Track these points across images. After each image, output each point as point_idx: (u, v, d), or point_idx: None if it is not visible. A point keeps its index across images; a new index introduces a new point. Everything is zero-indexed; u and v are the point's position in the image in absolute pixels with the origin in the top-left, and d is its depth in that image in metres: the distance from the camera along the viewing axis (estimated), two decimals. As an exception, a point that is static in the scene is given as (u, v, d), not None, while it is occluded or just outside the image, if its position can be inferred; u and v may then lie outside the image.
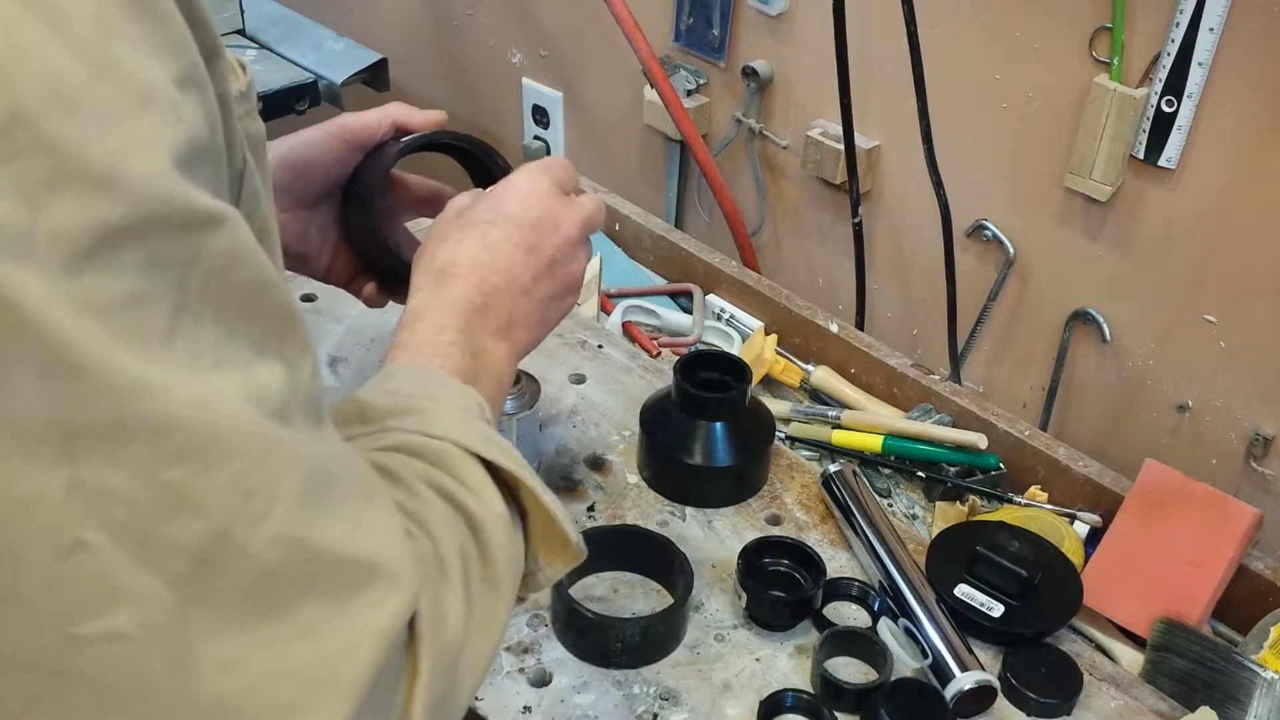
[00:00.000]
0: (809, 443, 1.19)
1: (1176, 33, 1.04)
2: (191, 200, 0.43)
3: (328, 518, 0.47)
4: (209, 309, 0.44)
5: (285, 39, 1.75)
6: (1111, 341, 1.21)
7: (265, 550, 0.44)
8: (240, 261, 0.46)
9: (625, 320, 1.35)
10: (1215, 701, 0.89)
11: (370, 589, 0.48)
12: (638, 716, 0.84)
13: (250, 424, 0.44)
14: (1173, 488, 1.03)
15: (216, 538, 0.43)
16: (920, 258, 1.35)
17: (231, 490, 0.43)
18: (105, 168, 0.41)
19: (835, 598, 0.95)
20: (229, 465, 0.43)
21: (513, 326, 0.75)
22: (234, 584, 0.44)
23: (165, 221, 0.42)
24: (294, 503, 0.45)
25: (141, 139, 0.42)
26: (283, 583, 0.45)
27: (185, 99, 0.45)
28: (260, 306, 0.47)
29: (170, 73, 0.44)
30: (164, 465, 0.42)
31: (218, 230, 0.45)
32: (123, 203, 0.41)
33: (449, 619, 0.55)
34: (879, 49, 1.27)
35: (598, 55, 1.61)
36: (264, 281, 0.47)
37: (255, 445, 0.44)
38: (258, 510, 0.44)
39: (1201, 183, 1.09)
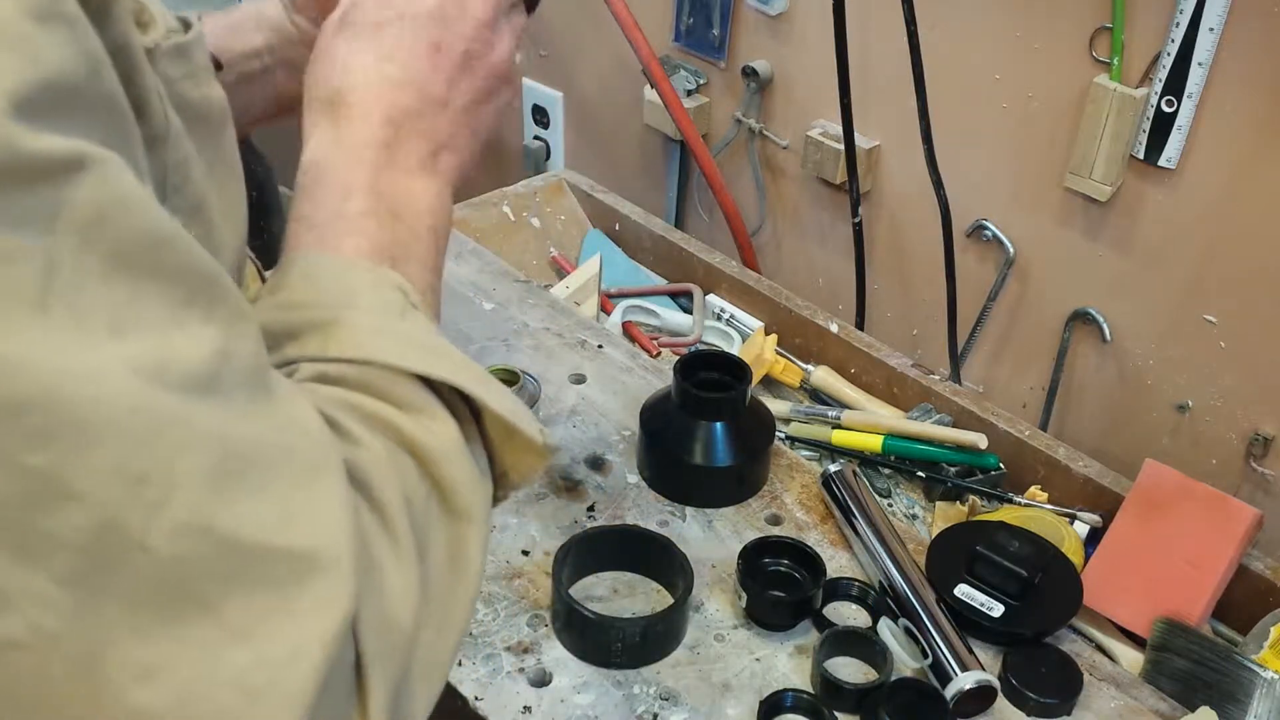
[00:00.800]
0: (809, 443, 1.19)
1: (1176, 33, 1.04)
2: (35, 144, 0.37)
3: (247, 503, 0.41)
4: (93, 266, 0.39)
5: (285, 39, 1.74)
6: (1111, 341, 1.21)
7: (169, 542, 0.39)
8: (127, 210, 0.40)
9: (625, 320, 1.35)
10: (1215, 701, 0.89)
11: (310, 584, 0.42)
12: (638, 716, 0.84)
13: (139, 399, 0.39)
14: (1173, 488, 1.03)
15: (104, 529, 0.38)
16: (920, 258, 1.35)
17: (115, 475, 0.38)
18: None
19: (835, 598, 0.95)
20: (109, 446, 0.38)
21: (437, 152, 0.63)
22: (137, 581, 0.39)
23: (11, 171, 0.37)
24: (200, 487, 0.40)
25: None
26: (198, 578, 0.40)
27: (44, 33, 0.39)
28: (170, 263, 0.41)
29: (22, 6, 0.38)
30: (26, 448, 0.37)
31: (85, 174, 0.39)
32: None
33: (392, 594, 0.47)
34: (879, 49, 1.27)
35: (598, 55, 1.61)
36: (162, 235, 0.41)
37: (144, 423, 0.39)
38: (153, 496, 0.39)
39: (1201, 183, 1.09)
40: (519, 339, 1.21)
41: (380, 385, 0.51)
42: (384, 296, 0.55)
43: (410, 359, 0.52)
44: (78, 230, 0.38)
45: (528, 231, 1.46)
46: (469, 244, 1.35)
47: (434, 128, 0.63)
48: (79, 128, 0.39)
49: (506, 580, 0.94)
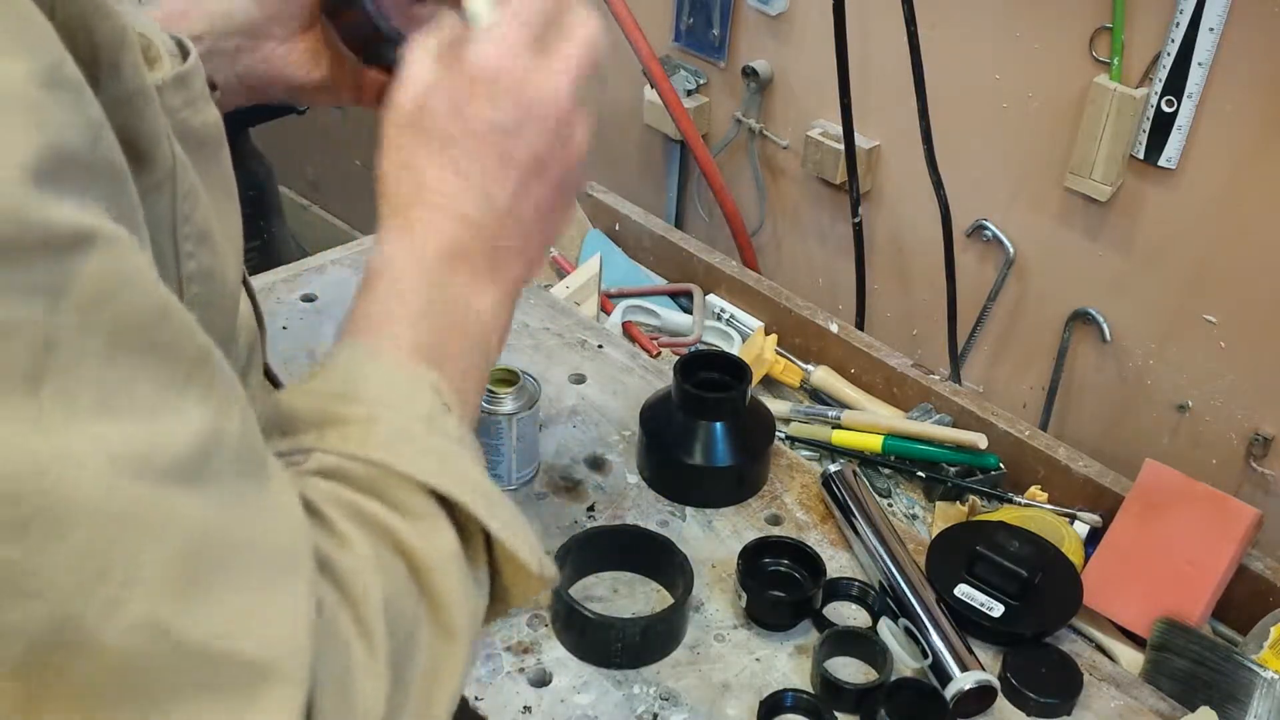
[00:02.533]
0: (809, 443, 1.19)
1: (1176, 33, 1.04)
2: (50, 216, 0.37)
3: (206, 605, 0.40)
4: (91, 345, 0.38)
5: (285, 39, 1.74)
6: (1111, 341, 1.21)
7: (123, 639, 0.38)
8: (129, 288, 0.40)
9: (625, 320, 1.35)
10: (1215, 701, 0.89)
11: (260, 694, 0.41)
12: (638, 716, 0.84)
13: (113, 489, 0.38)
14: (1173, 488, 1.03)
15: (62, 623, 0.37)
16: (920, 258, 1.35)
17: (77, 568, 0.37)
18: None
19: (835, 598, 0.95)
20: (74, 538, 0.37)
21: (500, 263, 0.63)
22: (89, 677, 0.38)
23: (20, 241, 0.36)
24: (161, 585, 0.39)
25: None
26: (148, 679, 0.39)
27: (50, 101, 0.39)
28: (165, 342, 0.41)
29: (26, 71, 0.38)
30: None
31: (92, 249, 0.38)
32: None
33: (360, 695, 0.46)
34: (879, 49, 1.27)
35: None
36: (166, 312, 0.41)
37: (114, 515, 0.38)
38: (113, 593, 0.38)
39: (1201, 183, 1.09)
40: (519, 339, 1.21)
41: (386, 489, 0.50)
42: (416, 399, 0.54)
43: (421, 468, 0.51)
44: (80, 308, 0.38)
45: (528, 231, 1.46)
46: (469, 244, 1.35)
47: (498, 240, 0.62)
48: (85, 196, 0.39)
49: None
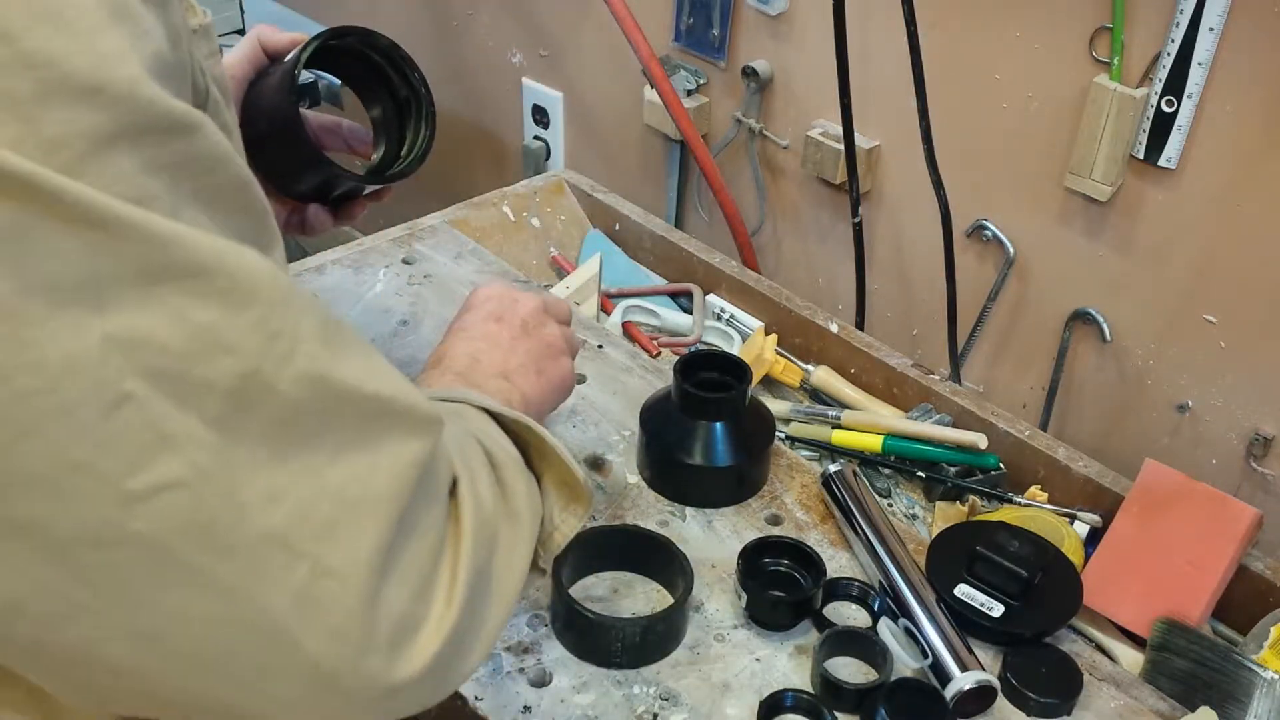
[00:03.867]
0: (809, 443, 1.19)
1: (1176, 33, 1.04)
2: (171, 107, 0.45)
3: (346, 358, 0.50)
4: (201, 207, 0.47)
5: (285, 39, 1.75)
6: (1111, 341, 1.21)
7: (293, 386, 0.47)
8: (221, 163, 0.48)
9: (625, 320, 1.35)
10: (1215, 701, 0.89)
11: (392, 421, 0.51)
12: (638, 716, 0.84)
13: (270, 272, 0.47)
14: (1173, 488, 1.03)
15: (248, 376, 0.45)
16: (920, 258, 1.35)
17: (259, 330, 0.46)
18: (89, 78, 0.42)
19: (835, 598, 0.95)
20: (255, 307, 0.46)
21: (509, 373, 0.81)
22: (267, 419, 0.46)
23: (152, 127, 0.44)
24: (315, 343, 0.48)
25: (118, 50, 0.43)
26: (311, 415, 0.48)
27: (148, 13, 0.46)
28: (242, 203, 0.50)
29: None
30: (195, 307, 0.44)
31: (197, 134, 0.46)
32: (108, 110, 0.42)
33: (485, 498, 0.59)
34: (879, 49, 1.28)
35: (598, 55, 1.61)
36: (244, 181, 0.50)
37: (276, 290, 0.47)
38: (283, 349, 0.46)
39: (1201, 183, 1.09)
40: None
41: (466, 413, 0.66)
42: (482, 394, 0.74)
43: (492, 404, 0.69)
44: (194, 177, 0.46)
45: (528, 231, 1.46)
46: (469, 244, 1.35)
47: (505, 359, 0.82)
48: (181, 92, 0.47)
49: (506, 580, 0.94)
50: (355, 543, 0.49)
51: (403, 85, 0.97)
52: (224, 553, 0.45)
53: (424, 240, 1.34)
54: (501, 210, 1.45)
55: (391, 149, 1.00)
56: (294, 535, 0.47)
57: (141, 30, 0.45)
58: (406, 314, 1.23)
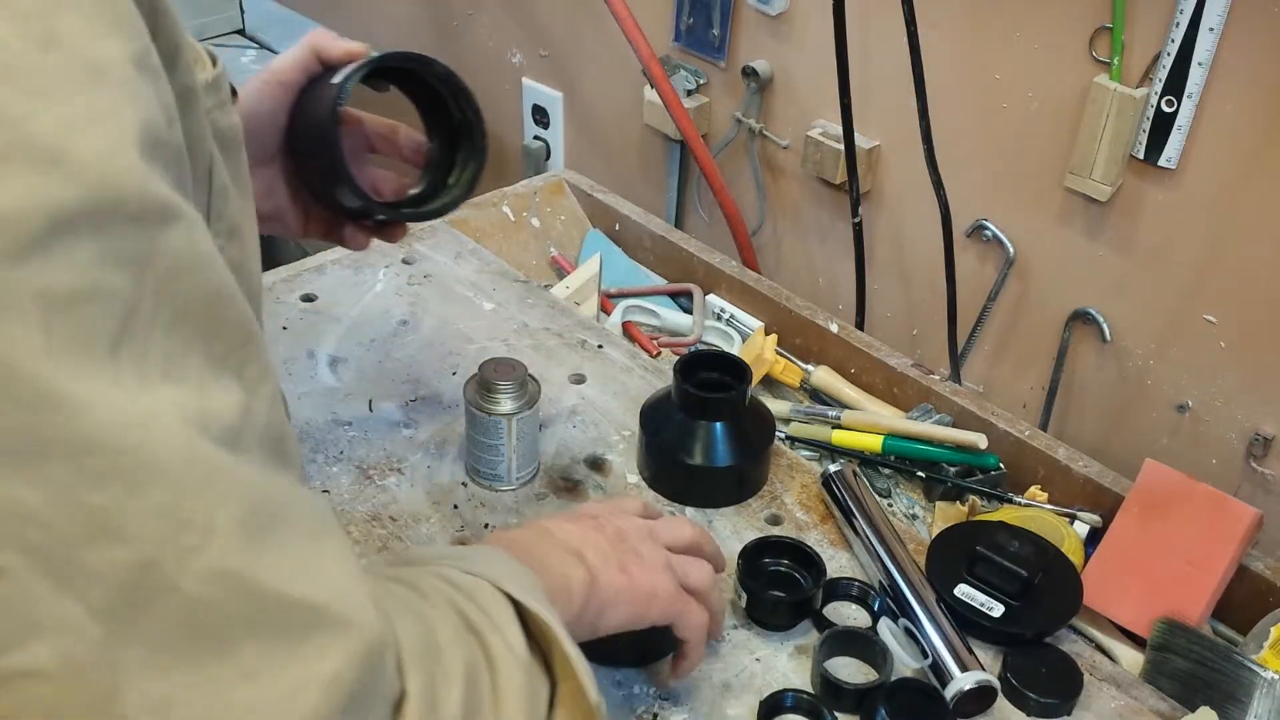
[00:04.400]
0: (809, 443, 1.19)
1: (1176, 33, 1.04)
2: (149, 187, 0.40)
3: (271, 554, 0.43)
4: (164, 315, 0.41)
5: (285, 39, 1.75)
6: (1111, 341, 1.21)
7: (200, 585, 0.41)
8: (199, 266, 0.43)
9: (625, 320, 1.35)
10: (1215, 701, 0.89)
11: (317, 633, 0.44)
12: (638, 716, 0.84)
13: (189, 448, 0.41)
14: (1173, 488, 1.03)
15: (144, 568, 0.40)
16: (920, 258, 1.35)
17: (162, 518, 0.40)
18: (51, 141, 0.38)
19: (835, 598, 0.95)
20: (159, 491, 0.40)
21: (583, 550, 0.72)
22: (167, 619, 0.40)
23: (121, 209, 0.39)
24: (233, 536, 0.42)
25: (93, 114, 0.39)
26: (221, 620, 0.42)
27: (142, 81, 0.41)
28: (219, 320, 0.44)
29: (125, 51, 0.41)
30: (86, 487, 0.39)
31: (175, 226, 0.41)
32: (74, 182, 0.38)
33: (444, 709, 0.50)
34: (879, 49, 1.28)
35: (598, 55, 1.61)
36: (223, 293, 0.44)
37: (192, 471, 0.41)
38: (192, 541, 0.41)
39: (1201, 183, 1.09)
40: (519, 339, 1.21)
41: (483, 597, 0.57)
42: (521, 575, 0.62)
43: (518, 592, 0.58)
44: (162, 278, 0.41)
45: (528, 231, 1.46)
46: (469, 244, 1.35)
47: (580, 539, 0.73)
48: (167, 173, 0.42)
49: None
50: None
51: (457, 112, 0.92)
52: None
53: (424, 240, 1.34)
54: (501, 210, 1.45)
55: (438, 178, 0.96)
56: None
57: (131, 95, 0.40)
58: (406, 314, 1.23)
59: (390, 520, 0.98)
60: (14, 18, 0.38)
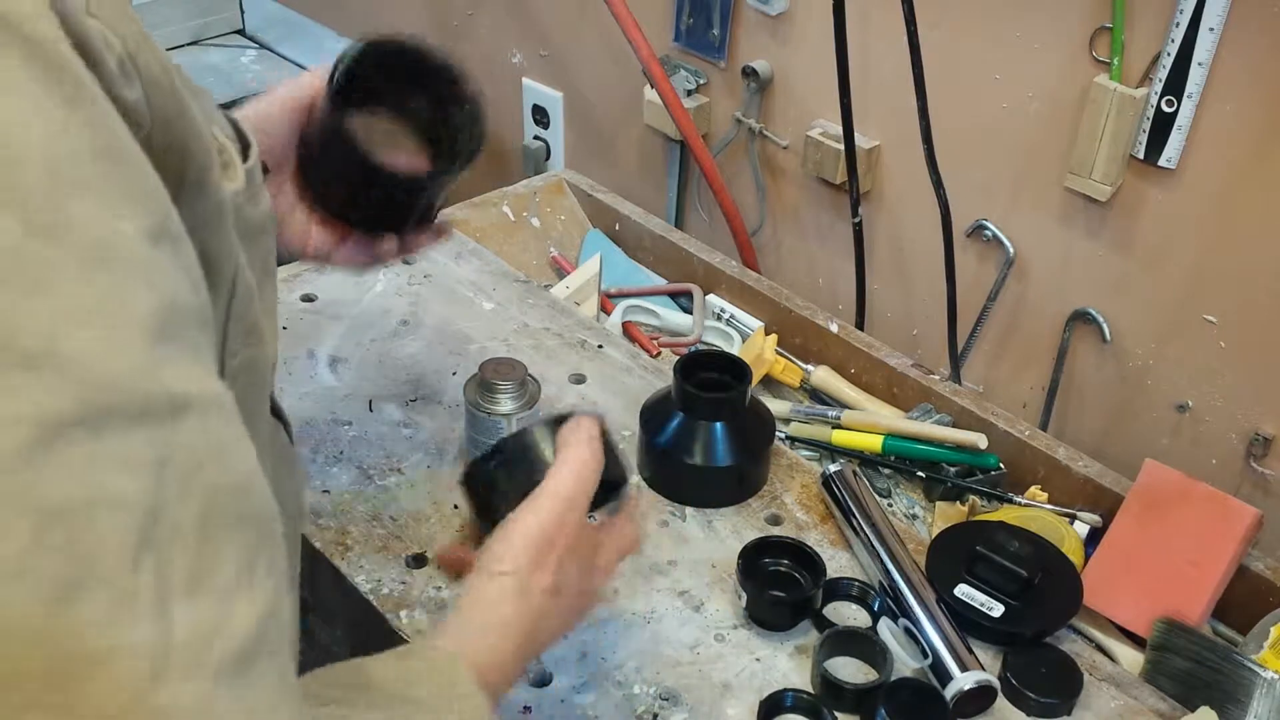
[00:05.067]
0: (809, 443, 1.19)
1: (1176, 33, 1.04)
2: (158, 382, 0.37)
3: None
4: (190, 515, 0.38)
5: (285, 39, 1.75)
6: (1111, 341, 1.21)
7: None
8: (224, 453, 0.40)
9: (625, 320, 1.35)
10: (1215, 701, 0.89)
11: None
12: (638, 716, 0.84)
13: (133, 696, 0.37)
14: (1173, 488, 1.03)
15: None
16: (920, 258, 1.35)
17: None
18: (41, 342, 0.35)
19: (835, 598, 0.95)
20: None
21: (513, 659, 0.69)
22: None
23: (122, 409, 0.36)
24: None
25: (91, 307, 0.36)
26: None
27: (159, 255, 0.38)
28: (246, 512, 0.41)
29: (141, 227, 0.38)
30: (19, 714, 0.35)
31: (186, 418, 0.38)
32: (67, 386, 0.35)
33: None
34: (879, 49, 1.27)
35: (598, 55, 1.61)
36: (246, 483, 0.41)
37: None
38: None
39: (1201, 183, 1.09)
40: (519, 339, 1.21)
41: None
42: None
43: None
44: (179, 478, 0.38)
45: (528, 231, 1.46)
46: (469, 244, 1.35)
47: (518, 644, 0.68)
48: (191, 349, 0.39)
49: (506, 580, 0.94)
50: None
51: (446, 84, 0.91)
52: None
53: (424, 240, 1.34)
54: (501, 210, 1.45)
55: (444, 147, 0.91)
56: None
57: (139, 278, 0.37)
58: (406, 314, 1.23)
59: (390, 520, 0.98)
60: (21, 207, 0.35)
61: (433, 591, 0.92)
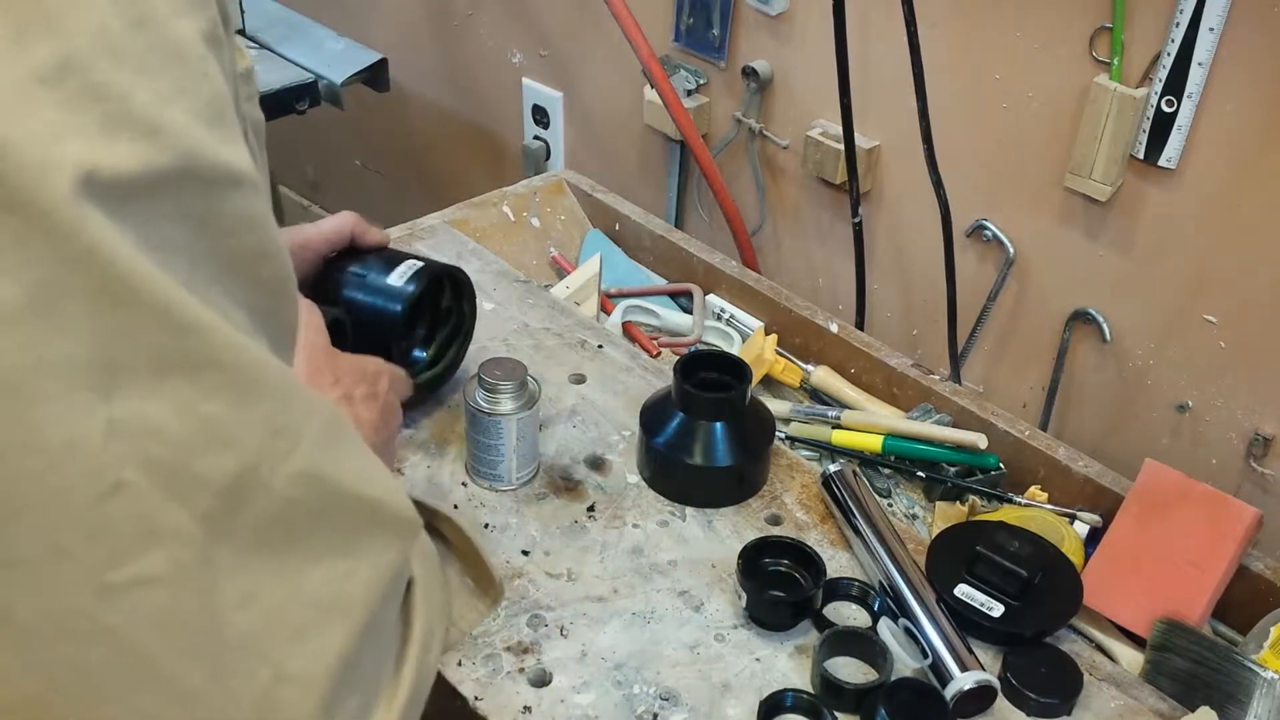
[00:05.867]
0: (809, 443, 1.19)
1: (1176, 33, 1.04)
2: (220, 155, 0.44)
3: (345, 459, 0.49)
4: (210, 269, 0.45)
5: (285, 39, 1.75)
6: (1111, 341, 1.21)
7: (288, 485, 0.45)
8: (252, 228, 0.46)
9: (625, 320, 1.35)
10: (1215, 701, 0.89)
11: (374, 524, 0.50)
12: (638, 716, 0.84)
13: (279, 368, 0.46)
14: (1173, 488, 1.03)
15: (244, 472, 0.44)
16: (920, 258, 1.35)
17: (264, 426, 0.45)
18: (150, 115, 0.41)
19: (835, 598, 0.95)
20: (262, 403, 0.45)
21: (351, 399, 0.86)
22: (256, 518, 0.45)
23: (197, 175, 0.43)
24: (316, 443, 0.47)
25: (175, 91, 0.43)
26: (302, 515, 0.47)
27: (210, 56, 0.45)
28: (263, 275, 0.48)
29: (199, 28, 0.45)
30: (205, 399, 0.43)
31: (237, 191, 0.45)
32: (166, 151, 0.42)
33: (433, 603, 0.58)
34: (879, 49, 1.27)
35: (598, 55, 1.61)
36: (270, 250, 0.48)
37: (284, 387, 0.46)
38: (284, 446, 0.45)
39: (1201, 183, 1.09)
40: (519, 339, 1.21)
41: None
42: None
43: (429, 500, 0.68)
44: (215, 236, 0.45)
45: (528, 231, 1.46)
46: (469, 244, 1.35)
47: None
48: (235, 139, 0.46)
49: (506, 580, 0.94)
50: (322, 649, 0.48)
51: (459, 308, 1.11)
52: (191, 655, 0.44)
53: (424, 240, 1.34)
54: (501, 210, 1.45)
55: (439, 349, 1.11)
56: (262, 639, 0.45)
57: (202, 73, 0.44)
58: (406, 314, 1.23)
59: (390, 520, 0.98)
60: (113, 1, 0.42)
61: (433, 591, 0.92)
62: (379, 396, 0.88)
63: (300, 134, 2.16)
